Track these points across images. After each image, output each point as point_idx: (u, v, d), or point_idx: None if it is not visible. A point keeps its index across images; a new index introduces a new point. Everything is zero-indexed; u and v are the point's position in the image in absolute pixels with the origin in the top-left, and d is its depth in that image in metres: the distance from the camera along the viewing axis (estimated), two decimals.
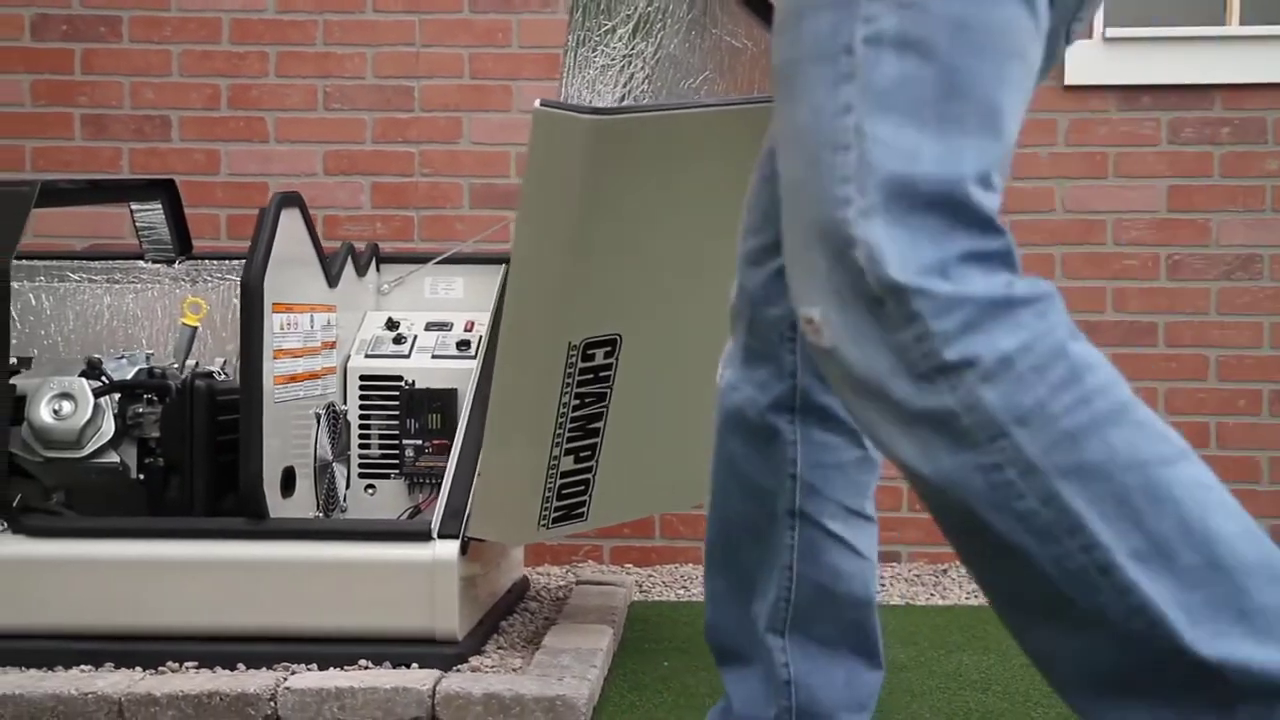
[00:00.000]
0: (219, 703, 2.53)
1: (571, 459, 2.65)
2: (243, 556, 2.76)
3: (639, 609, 3.49)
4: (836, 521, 1.95)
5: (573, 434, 2.64)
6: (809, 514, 1.93)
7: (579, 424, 2.64)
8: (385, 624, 2.76)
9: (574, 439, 2.65)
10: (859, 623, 2.02)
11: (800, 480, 1.91)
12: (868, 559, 2.00)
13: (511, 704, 2.52)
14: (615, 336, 2.60)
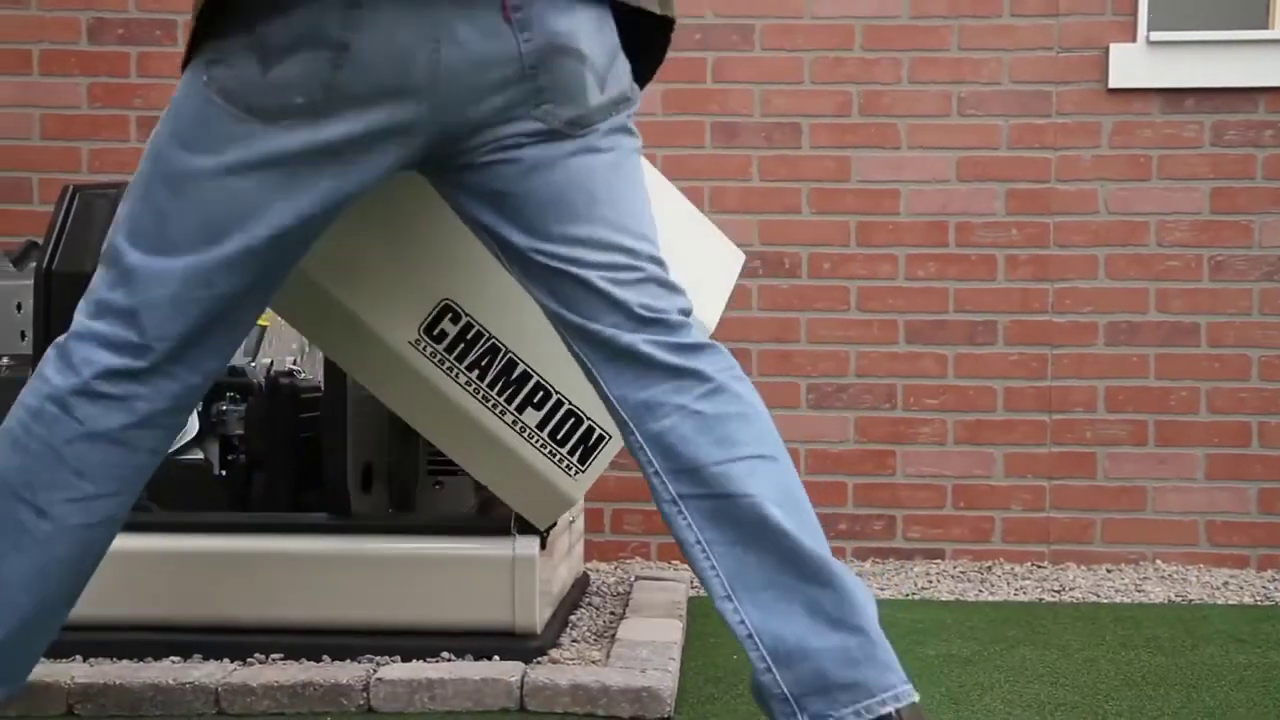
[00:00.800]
0: (313, 693, 2.59)
1: (533, 411, 2.67)
2: (326, 551, 2.82)
3: (696, 604, 3.55)
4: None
5: (506, 396, 2.66)
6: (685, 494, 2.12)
7: (502, 385, 2.65)
8: (466, 618, 2.81)
9: (512, 397, 2.66)
10: (790, 551, 2.11)
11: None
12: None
13: (598, 695, 2.58)
14: (444, 302, 2.62)
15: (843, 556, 4.23)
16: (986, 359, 4.23)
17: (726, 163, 4.27)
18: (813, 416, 4.26)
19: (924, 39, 4.22)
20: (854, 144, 4.25)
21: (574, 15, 2.07)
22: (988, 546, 4.23)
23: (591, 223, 2.13)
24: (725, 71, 4.27)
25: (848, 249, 4.26)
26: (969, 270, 4.22)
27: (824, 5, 4.24)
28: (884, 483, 4.26)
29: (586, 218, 2.13)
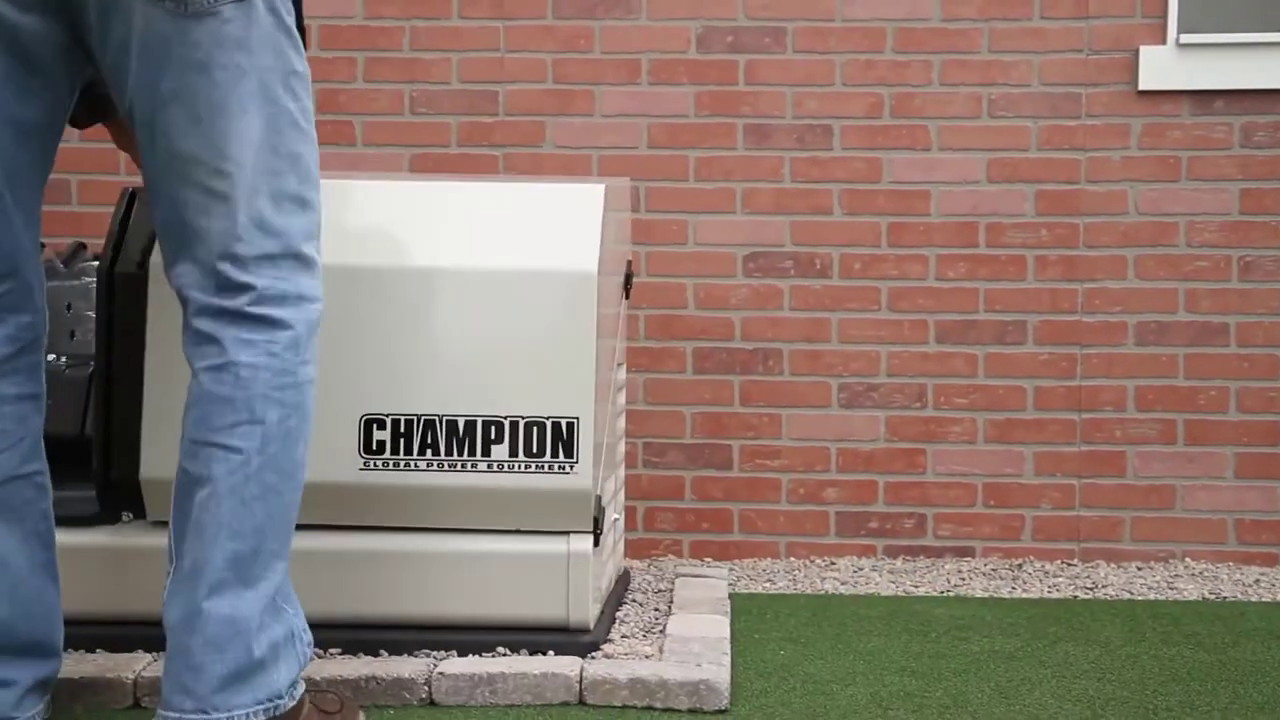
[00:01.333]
0: (376, 686, 2.63)
1: (496, 446, 2.82)
2: (384, 549, 2.86)
3: (737, 600, 3.59)
4: None
5: (468, 450, 2.81)
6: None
7: (457, 445, 2.81)
8: (520, 613, 2.86)
9: (473, 447, 2.81)
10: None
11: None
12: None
13: (656, 688, 2.62)
14: (363, 418, 2.75)
15: (873, 554, 4.27)
16: (1016, 359, 4.27)
17: (759, 164, 4.30)
18: (844, 416, 4.30)
19: (955, 41, 4.26)
20: (885, 145, 4.29)
21: None
22: (1018, 544, 4.27)
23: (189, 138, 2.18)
24: (757, 74, 4.31)
25: (879, 249, 4.29)
26: (999, 270, 4.26)
27: (855, 8, 4.28)
28: (914, 481, 4.29)
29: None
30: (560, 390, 2.79)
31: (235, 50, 2.15)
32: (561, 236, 2.85)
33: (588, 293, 2.81)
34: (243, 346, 2.16)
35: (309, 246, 2.25)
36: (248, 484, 2.14)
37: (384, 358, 2.79)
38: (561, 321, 2.80)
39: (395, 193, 2.96)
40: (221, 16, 2.15)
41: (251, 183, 2.16)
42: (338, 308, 2.79)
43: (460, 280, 2.82)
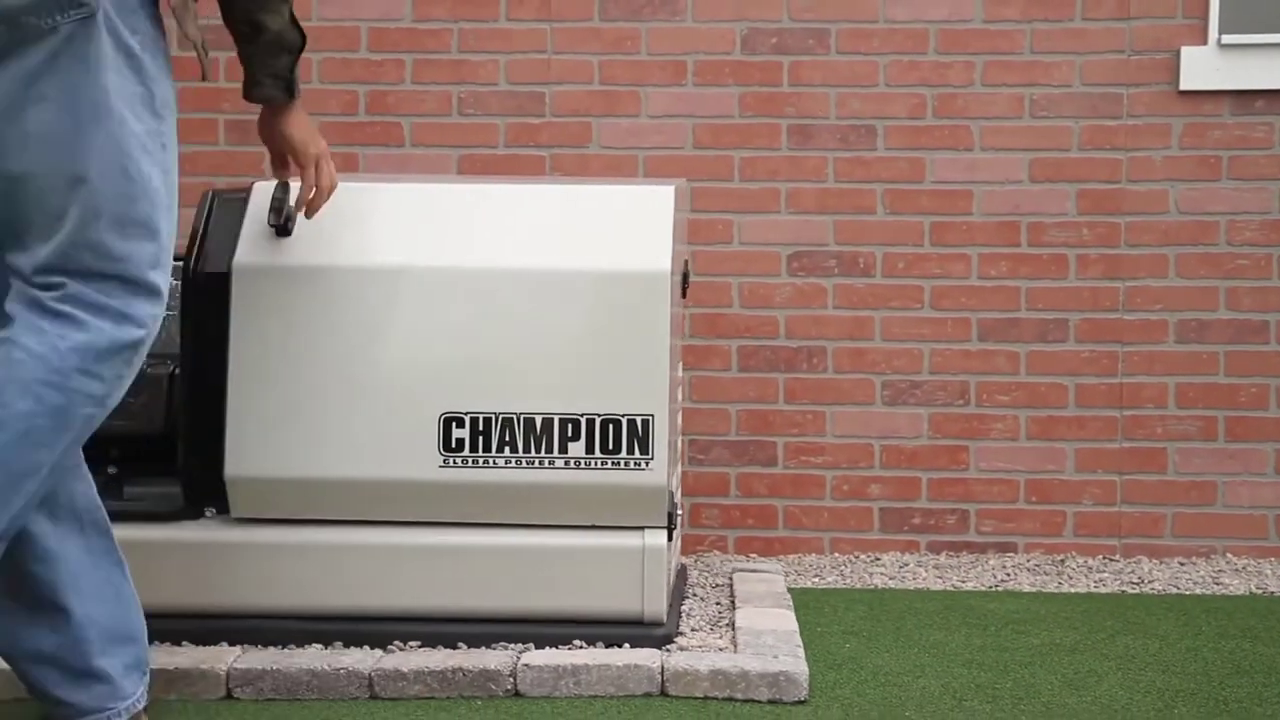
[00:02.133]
0: (462, 678, 2.69)
1: (574, 444, 2.88)
2: (463, 544, 2.91)
3: (796, 595, 3.64)
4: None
5: (544, 448, 2.87)
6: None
7: (534, 442, 2.87)
8: (596, 607, 2.91)
9: (550, 445, 2.87)
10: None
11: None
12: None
13: (737, 679, 2.67)
14: (442, 416, 2.83)
15: (916, 550, 4.32)
16: (1058, 356, 4.32)
17: (802, 164, 4.36)
18: (887, 413, 4.35)
19: (997, 42, 4.31)
20: (928, 146, 4.34)
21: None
22: (1059, 540, 4.32)
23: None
24: (801, 75, 4.36)
25: (921, 248, 4.34)
26: (1041, 269, 4.31)
27: (898, 9, 4.34)
28: (957, 478, 4.35)
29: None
30: (635, 388, 2.85)
31: (74, 68, 2.14)
32: (634, 237, 2.90)
33: (661, 293, 2.86)
34: (31, 332, 2.11)
35: (154, 274, 2.20)
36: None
37: (462, 357, 2.85)
38: (635, 321, 2.86)
39: (469, 195, 3.01)
40: (60, 34, 2.14)
41: (93, 205, 2.13)
42: (416, 308, 2.85)
43: (536, 281, 2.88)
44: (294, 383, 2.85)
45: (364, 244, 2.89)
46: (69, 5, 2.12)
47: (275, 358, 2.85)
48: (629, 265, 2.88)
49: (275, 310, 2.86)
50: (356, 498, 2.88)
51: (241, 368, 2.85)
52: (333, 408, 2.85)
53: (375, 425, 2.85)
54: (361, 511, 2.90)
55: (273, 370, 2.85)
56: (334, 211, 2.91)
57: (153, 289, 2.25)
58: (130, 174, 2.19)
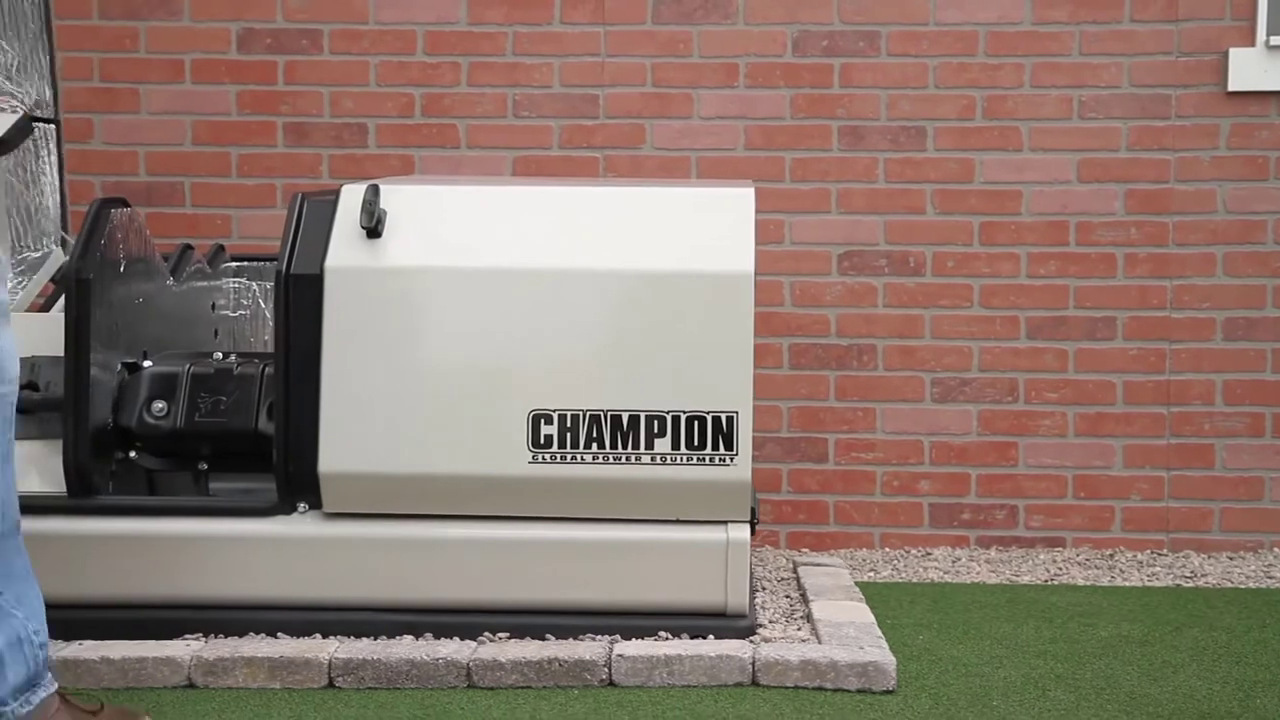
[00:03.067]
0: (558, 668, 2.75)
1: (660, 440, 2.95)
2: (550, 538, 2.98)
3: (864, 588, 3.69)
4: None
5: (631, 444, 2.94)
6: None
7: (621, 438, 2.94)
8: (679, 599, 2.98)
9: (636, 441, 2.94)
10: None
11: None
12: None
13: (826, 669, 2.74)
14: (531, 413, 2.82)
15: (966, 545, 4.39)
16: (1106, 354, 4.38)
17: (853, 165, 4.42)
18: (937, 410, 4.41)
19: (1046, 44, 4.37)
20: (977, 146, 4.40)
21: None
22: (1108, 535, 4.38)
23: None
24: (852, 77, 4.42)
25: (971, 248, 4.40)
26: (1089, 268, 4.38)
27: (948, 12, 4.40)
28: (1006, 473, 4.41)
29: None
30: (719, 386, 2.91)
31: None
32: (717, 239, 2.96)
33: (745, 293, 2.93)
34: None
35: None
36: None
37: (550, 356, 2.91)
38: (719, 320, 2.92)
39: (554, 197, 3.07)
40: None
41: None
42: (505, 309, 2.92)
43: (622, 282, 2.94)
44: (386, 381, 2.91)
45: (454, 246, 2.96)
46: None
47: (367, 357, 2.91)
48: (714, 266, 2.94)
49: (367, 310, 2.92)
50: (446, 493, 2.94)
51: (334, 367, 2.91)
52: (424, 405, 2.91)
53: (465, 422, 2.92)
54: (451, 506, 2.96)
55: (365, 369, 2.91)
56: (424, 214, 2.97)
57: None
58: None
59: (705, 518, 2.95)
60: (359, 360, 2.90)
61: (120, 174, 4.44)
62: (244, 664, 2.74)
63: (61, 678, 2.64)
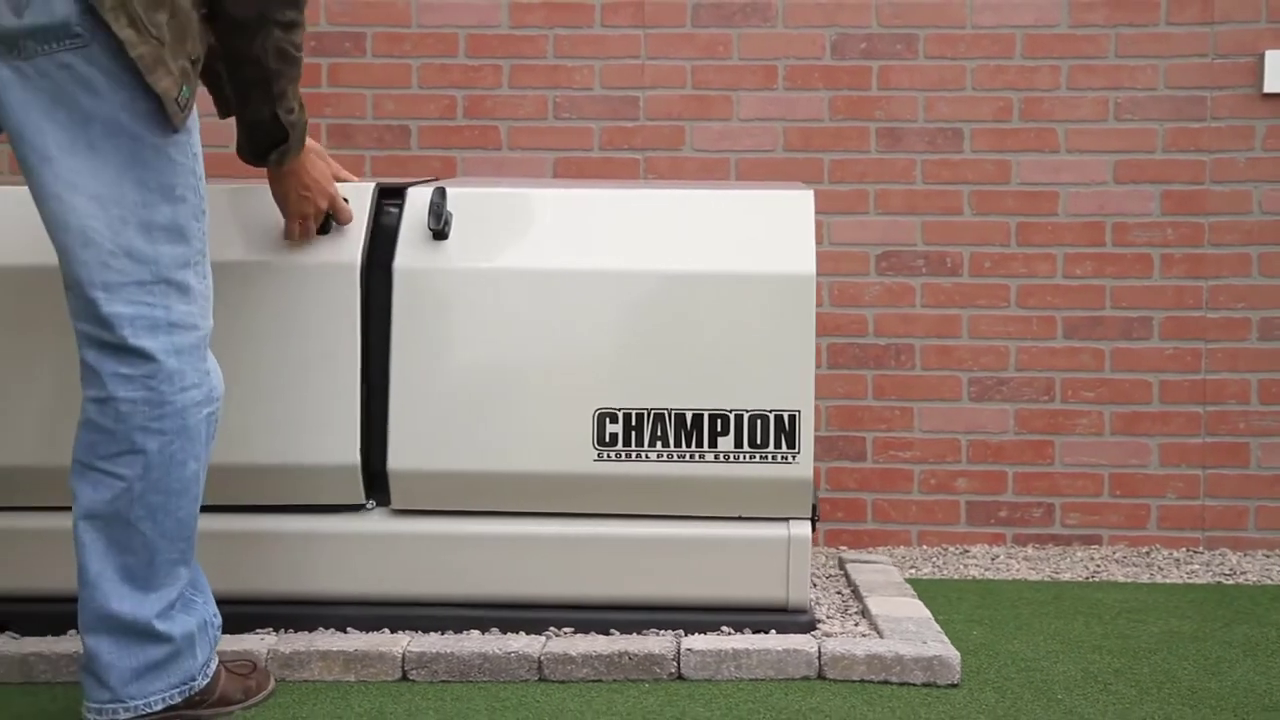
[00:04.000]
0: (628, 662, 2.80)
1: (723, 438, 3.00)
2: (614, 534, 3.02)
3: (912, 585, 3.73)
4: None
5: (695, 442, 3.00)
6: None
7: (685, 437, 2.99)
8: (742, 594, 3.02)
9: (700, 440, 2.99)
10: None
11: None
12: None
13: (892, 663, 2.78)
14: (597, 411, 2.91)
15: (1003, 543, 4.43)
16: (1142, 353, 4.43)
17: (891, 166, 4.46)
18: (974, 409, 4.46)
19: (1082, 47, 4.42)
20: (1014, 148, 4.45)
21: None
22: (1143, 533, 4.43)
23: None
24: (890, 79, 4.47)
25: (1008, 248, 4.45)
26: (1125, 269, 4.42)
27: (986, 15, 4.44)
28: (1043, 472, 4.45)
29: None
30: (782, 385, 2.96)
31: (79, 92, 2.30)
32: (779, 241, 3.01)
33: (807, 294, 2.97)
34: (121, 382, 2.32)
35: (184, 274, 2.36)
36: (132, 507, 2.34)
37: (615, 355, 2.96)
38: (782, 320, 2.96)
39: (616, 200, 3.12)
40: (58, 60, 2.30)
41: (117, 214, 2.29)
42: (571, 309, 2.97)
43: (687, 283, 2.98)
44: (453, 380, 2.96)
45: (520, 248, 3.00)
46: (65, 35, 2.29)
47: (435, 356, 2.96)
48: (776, 268, 2.98)
49: (435, 310, 2.97)
50: (513, 490, 2.98)
51: (404, 365, 2.96)
52: (491, 404, 2.95)
53: (532, 420, 2.96)
54: (517, 503, 3.01)
55: (433, 368, 2.96)
56: (489, 216, 3.02)
57: (185, 287, 2.42)
58: (150, 184, 2.36)
59: (767, 514, 2.99)
60: (427, 359, 2.94)
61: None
62: (319, 657, 2.78)
63: None
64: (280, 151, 2.69)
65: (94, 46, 2.31)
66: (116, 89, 2.32)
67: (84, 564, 2.41)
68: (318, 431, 2.94)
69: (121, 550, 2.37)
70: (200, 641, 2.48)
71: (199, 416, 2.45)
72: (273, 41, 2.53)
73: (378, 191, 3.07)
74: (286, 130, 2.65)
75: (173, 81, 2.35)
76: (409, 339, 2.95)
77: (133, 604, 2.37)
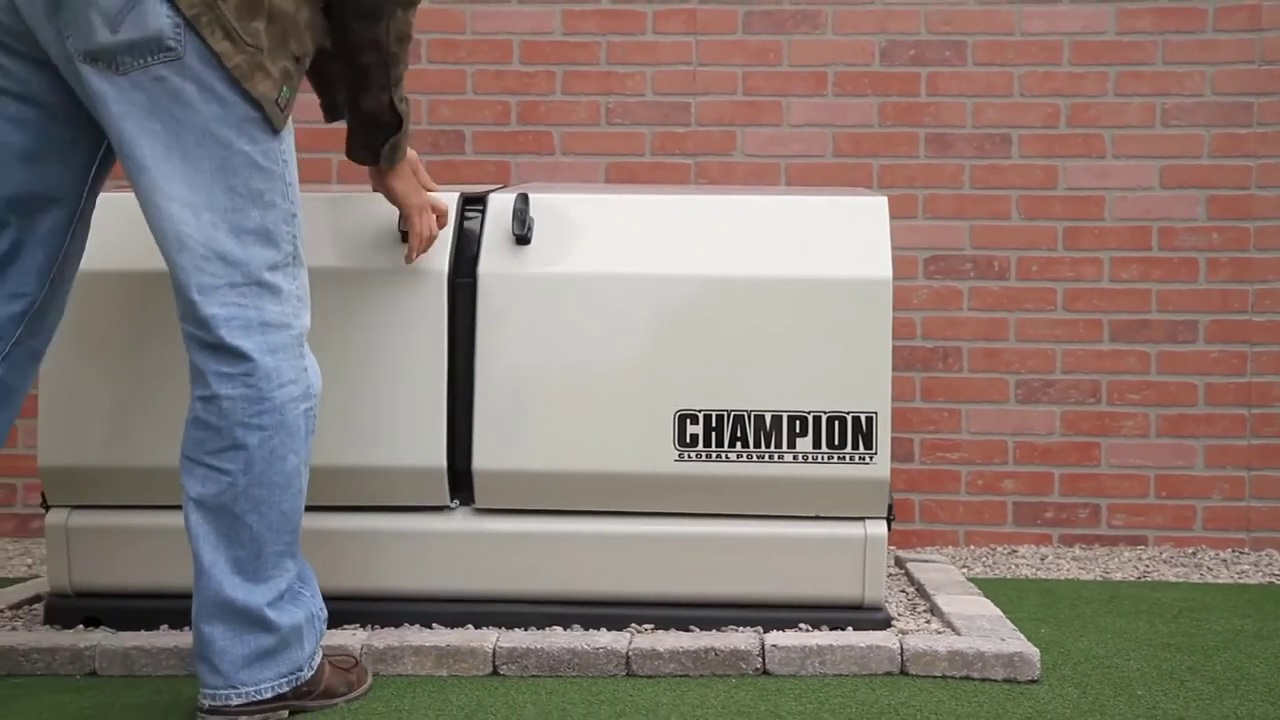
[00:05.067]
0: (714, 657, 2.86)
1: (801, 440, 3.07)
2: (694, 533, 3.08)
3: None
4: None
5: (774, 443, 3.06)
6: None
7: (764, 438, 3.06)
8: (818, 592, 3.08)
9: (779, 440, 3.06)
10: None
11: None
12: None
13: (973, 660, 2.84)
14: (677, 413, 2.94)
15: (1049, 543, 4.49)
16: (1188, 356, 4.48)
17: (940, 171, 4.52)
18: (1021, 410, 4.52)
19: (1129, 54, 4.48)
20: (1061, 154, 4.51)
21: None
22: (1189, 534, 4.48)
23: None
24: (939, 85, 4.53)
25: (1055, 252, 4.51)
26: (1171, 272, 4.48)
27: (1034, 23, 4.50)
28: (1089, 473, 4.51)
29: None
30: (859, 387, 3.02)
31: (171, 104, 2.34)
32: (856, 246, 3.07)
33: (884, 298, 3.03)
34: (223, 380, 2.40)
35: (274, 275, 2.44)
36: (237, 500, 2.42)
37: (695, 358, 3.02)
38: (859, 323, 3.02)
39: (693, 205, 3.18)
40: (152, 74, 2.38)
41: (208, 220, 2.37)
42: (652, 312, 3.02)
43: (766, 287, 3.04)
44: (536, 382, 3.02)
45: (600, 252, 3.06)
46: (158, 49, 2.37)
47: (519, 358, 3.02)
48: (855, 273, 3.04)
49: (518, 314, 3.02)
50: (594, 490, 3.04)
51: (488, 368, 3.02)
52: (573, 405, 3.01)
53: (613, 421, 3.02)
54: (598, 502, 3.06)
55: (517, 370, 3.02)
56: (569, 222, 3.08)
57: (276, 289, 2.49)
58: (240, 190, 2.44)
59: (844, 514, 3.05)
60: (510, 362, 3.00)
61: None
62: (412, 652, 2.84)
63: None
64: (393, 144, 2.74)
65: (187, 59, 2.38)
66: (209, 99, 2.40)
67: (198, 553, 2.49)
68: (405, 434, 3.00)
69: (230, 543, 2.48)
70: (307, 633, 2.55)
71: (297, 412, 2.51)
72: (395, 23, 2.61)
73: (462, 200, 3.12)
74: (401, 119, 2.71)
75: (272, 84, 2.42)
76: (493, 342, 3.01)
77: (245, 592, 2.44)
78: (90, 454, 3.02)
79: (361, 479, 3.02)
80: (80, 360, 3.00)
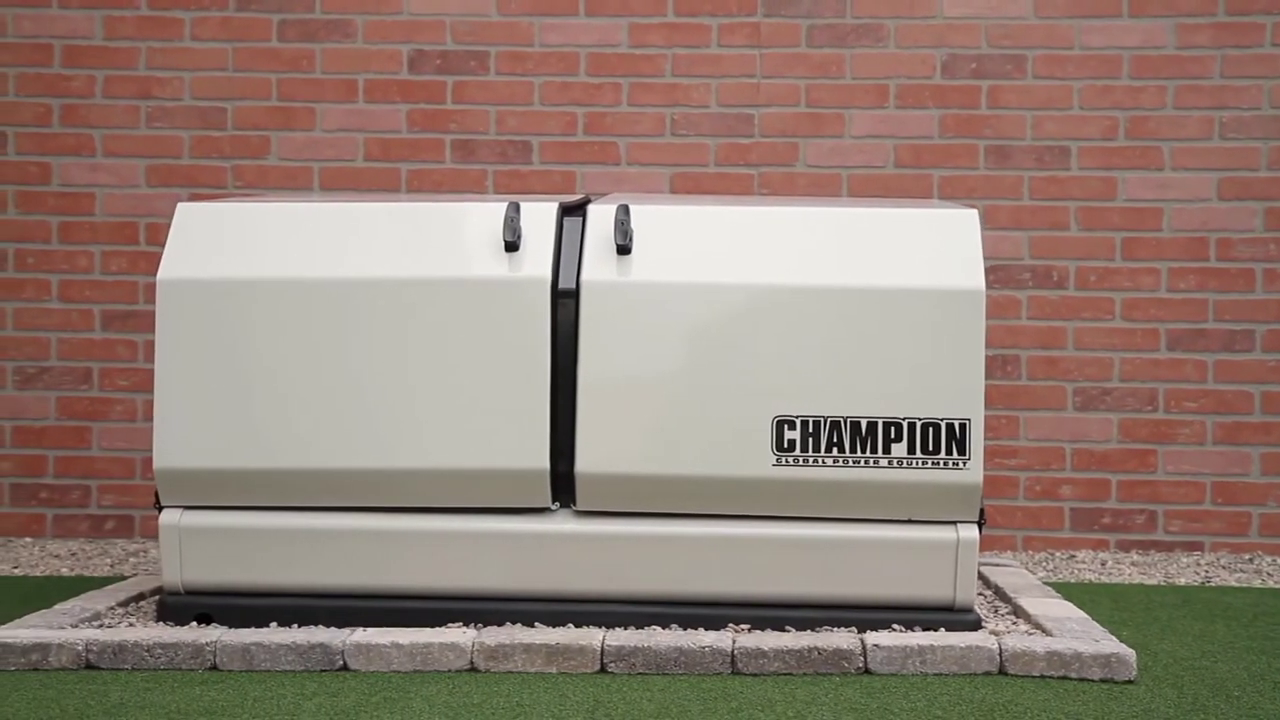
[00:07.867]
0: (817, 656, 2.93)
1: (896, 445, 3.14)
2: (791, 536, 3.15)
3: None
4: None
5: (869, 449, 3.14)
6: None
7: (860, 443, 3.14)
8: (909, 594, 3.15)
9: (874, 446, 3.14)
10: None
11: None
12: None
13: (1071, 660, 2.91)
14: (775, 419, 3.10)
15: (1106, 548, 4.55)
16: (1245, 365, 4.55)
17: (999, 183, 4.59)
18: (1079, 418, 4.58)
19: (1188, 68, 4.55)
20: (1120, 166, 4.58)
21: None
22: (1245, 540, 4.55)
23: None
24: (999, 98, 4.60)
25: (1113, 263, 4.58)
26: (1228, 283, 4.55)
27: (1093, 37, 4.57)
28: (1145, 480, 4.57)
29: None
30: (953, 394, 3.09)
31: None
32: (949, 258, 3.14)
33: (977, 308, 3.11)
34: None
35: None
36: None
37: (793, 366, 3.09)
38: (953, 332, 3.09)
39: (787, 217, 3.25)
40: None
41: None
42: (750, 321, 3.10)
43: (862, 298, 3.11)
44: (637, 388, 3.09)
45: (699, 262, 3.13)
46: None
47: (620, 365, 3.09)
48: (949, 283, 3.11)
49: (619, 322, 3.10)
50: (693, 493, 3.11)
51: (590, 374, 3.09)
52: (673, 410, 3.08)
53: (713, 426, 3.09)
54: (697, 505, 3.13)
55: (617, 376, 3.09)
56: (668, 232, 3.16)
57: None
58: None
59: (937, 518, 3.12)
60: (611, 368, 3.07)
61: (295, 187, 4.61)
62: (522, 650, 2.91)
63: (355, 661, 2.84)
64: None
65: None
66: None
67: None
68: (509, 438, 3.06)
69: None
70: None
71: None
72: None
73: (560, 209, 3.18)
74: None
75: None
76: (595, 349, 3.08)
77: None
78: (204, 456, 3.09)
79: (466, 482, 3.08)
80: (194, 366, 3.07)
